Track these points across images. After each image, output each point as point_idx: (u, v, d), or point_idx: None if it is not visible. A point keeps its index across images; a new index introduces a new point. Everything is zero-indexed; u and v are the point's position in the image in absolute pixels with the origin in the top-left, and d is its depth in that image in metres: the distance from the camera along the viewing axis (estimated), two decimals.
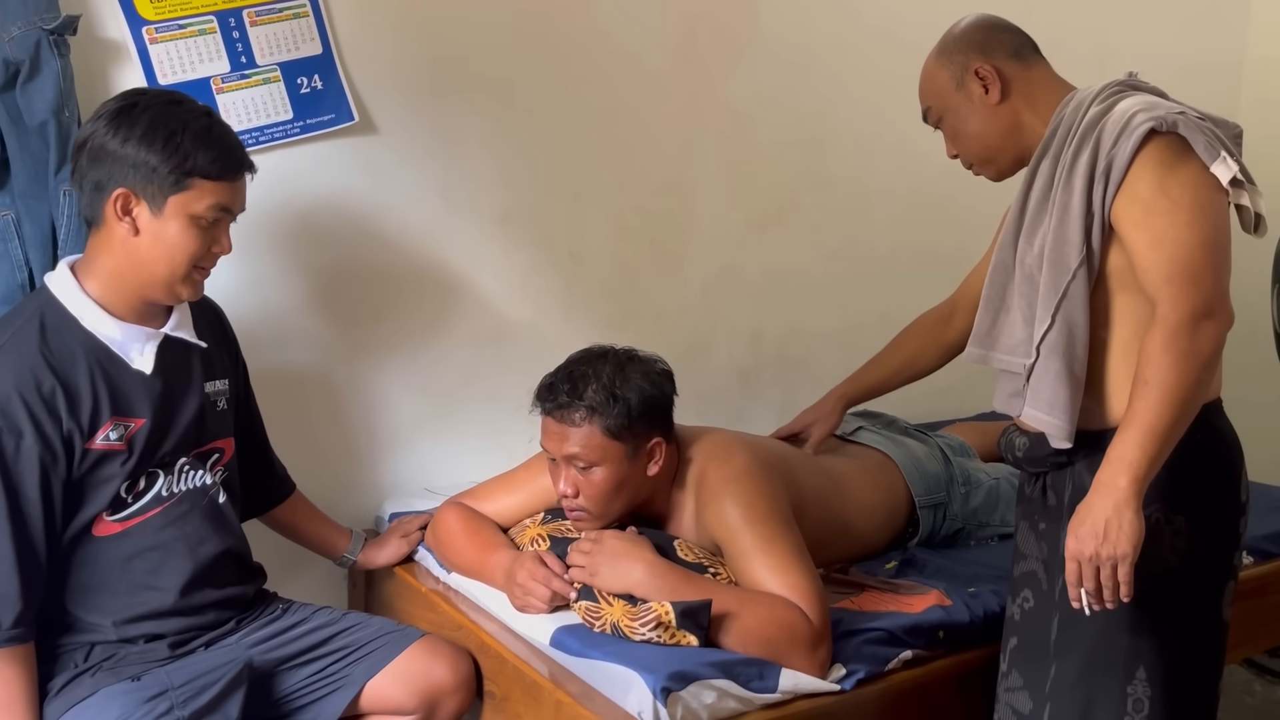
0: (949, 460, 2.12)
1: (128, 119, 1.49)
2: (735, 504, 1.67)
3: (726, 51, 2.47)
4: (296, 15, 1.98)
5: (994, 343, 1.57)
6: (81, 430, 1.50)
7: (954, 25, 1.61)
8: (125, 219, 1.50)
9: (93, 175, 1.50)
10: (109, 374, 1.53)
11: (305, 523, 1.93)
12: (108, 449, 1.52)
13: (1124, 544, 1.33)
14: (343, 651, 1.70)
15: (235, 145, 1.56)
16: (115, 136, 1.48)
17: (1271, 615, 2.13)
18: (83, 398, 1.50)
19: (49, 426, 1.47)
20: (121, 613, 1.56)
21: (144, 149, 1.48)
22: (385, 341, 2.16)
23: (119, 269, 1.53)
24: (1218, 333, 1.37)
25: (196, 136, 1.50)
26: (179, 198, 1.49)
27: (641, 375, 1.73)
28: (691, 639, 1.55)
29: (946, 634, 1.70)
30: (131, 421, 1.54)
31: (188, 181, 1.49)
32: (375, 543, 1.99)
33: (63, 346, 1.50)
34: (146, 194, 1.49)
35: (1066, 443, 1.48)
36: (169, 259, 1.52)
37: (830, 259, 2.69)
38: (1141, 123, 1.39)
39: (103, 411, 1.51)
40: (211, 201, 1.51)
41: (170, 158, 1.48)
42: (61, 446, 1.49)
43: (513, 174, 2.25)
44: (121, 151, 1.48)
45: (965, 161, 1.63)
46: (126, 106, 1.51)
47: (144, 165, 1.48)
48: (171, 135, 1.48)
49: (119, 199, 1.49)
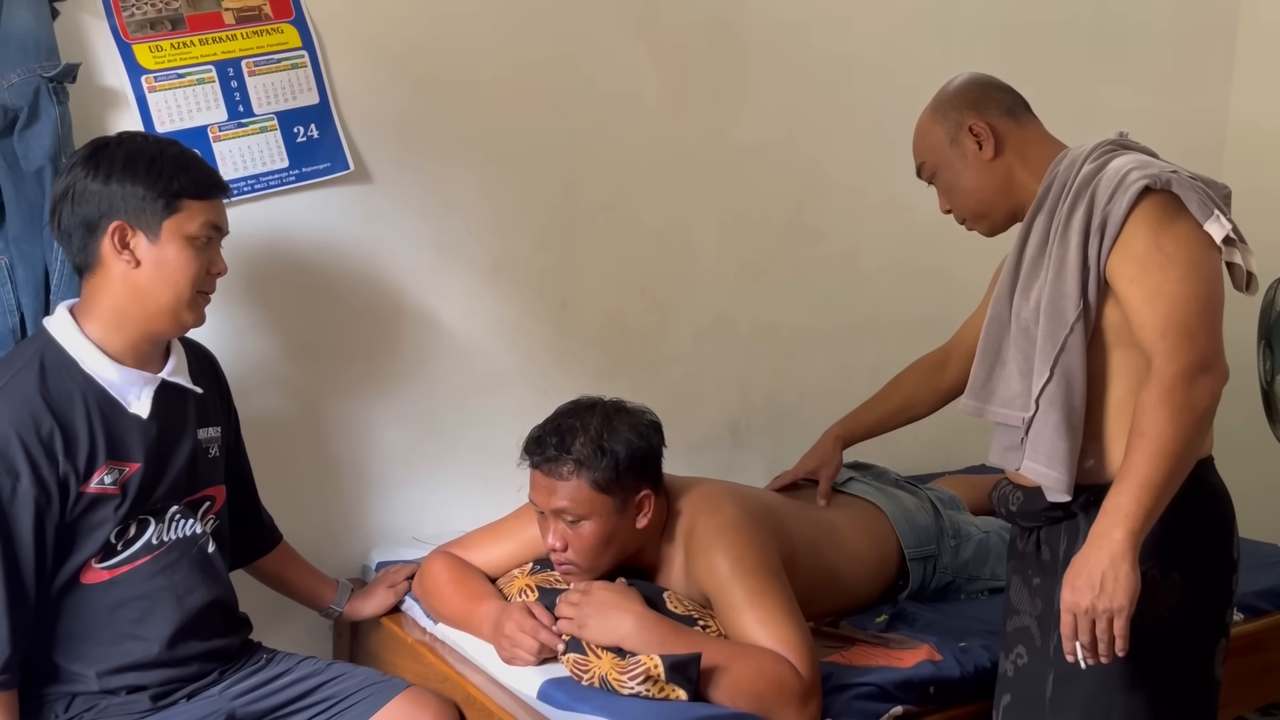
0: (939, 512, 2.12)
1: (104, 158, 1.52)
2: (725, 556, 1.67)
3: (718, 104, 2.50)
4: (295, 66, 2.00)
5: (990, 395, 1.58)
6: (77, 473, 1.49)
7: (948, 83, 1.64)
8: (124, 253, 1.51)
9: (80, 215, 1.51)
10: (106, 417, 1.52)
11: (291, 573, 1.92)
12: (101, 492, 1.51)
13: (1120, 597, 1.33)
14: (328, 702, 1.67)
15: (210, 167, 1.62)
16: (96, 177, 1.50)
17: (1263, 673, 2.12)
18: (80, 440, 1.49)
19: (46, 469, 1.46)
20: (105, 662, 1.54)
21: (129, 181, 1.50)
22: (375, 389, 2.16)
23: (121, 307, 1.53)
24: (1213, 387, 1.38)
25: (174, 161, 1.54)
26: (172, 221, 1.52)
27: (629, 427, 1.72)
28: (680, 693, 1.54)
29: (937, 689, 1.69)
30: (126, 466, 1.53)
31: (177, 204, 1.52)
32: (361, 594, 1.97)
33: (62, 388, 1.50)
34: (141, 223, 1.51)
35: (1065, 496, 1.48)
36: (173, 284, 1.53)
37: (820, 310, 2.71)
38: (1136, 180, 1.41)
39: (99, 455, 1.51)
40: (202, 220, 1.54)
41: (156, 183, 1.50)
42: (57, 489, 1.48)
43: (505, 223, 2.26)
44: (106, 189, 1.50)
45: (959, 216, 1.65)
46: (97, 149, 1.54)
47: (133, 196, 1.50)
48: (152, 163, 1.51)
49: (116, 233, 1.50)
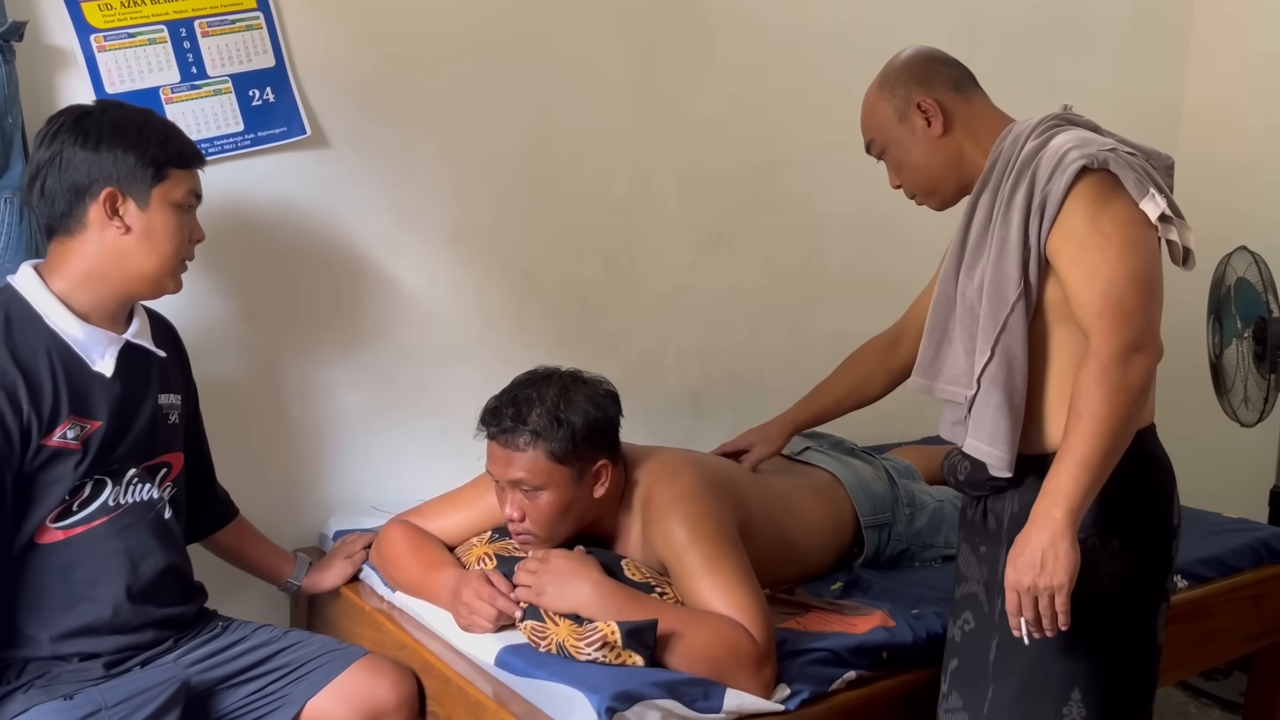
0: (894, 482, 2.14)
1: (91, 125, 1.53)
2: (681, 524, 1.68)
3: (681, 74, 2.49)
4: (250, 27, 1.96)
5: (937, 373, 1.60)
6: (40, 424, 1.48)
7: (894, 58, 1.64)
8: (114, 219, 1.52)
9: (69, 181, 1.52)
10: (70, 372, 1.52)
11: (249, 548, 1.91)
12: (63, 446, 1.50)
13: (1060, 574, 1.36)
14: (283, 670, 1.67)
15: (188, 138, 1.65)
16: (85, 145, 1.52)
17: (1206, 638, 2.18)
18: (44, 392, 1.49)
19: (10, 419, 1.46)
20: (57, 626, 1.53)
21: (119, 148, 1.53)
22: (333, 358, 2.14)
23: (100, 270, 1.54)
24: (1148, 366, 1.40)
25: (159, 130, 1.57)
26: (160, 189, 1.55)
27: (586, 398, 1.72)
28: (637, 659, 1.55)
29: (890, 655, 1.72)
30: (89, 423, 1.53)
31: (165, 172, 1.55)
32: (319, 566, 1.97)
33: (26, 341, 1.50)
34: (132, 190, 1.53)
35: (1007, 472, 1.50)
36: (160, 251, 1.56)
37: (781, 280, 2.72)
38: (1074, 160, 1.42)
39: (62, 408, 1.50)
40: (187, 187, 1.58)
41: (146, 152, 1.53)
42: (19, 439, 1.47)
43: (465, 191, 2.24)
44: (97, 156, 1.52)
45: (909, 192, 1.66)
46: (82, 115, 1.55)
47: (124, 163, 1.53)
48: (139, 132, 1.55)
49: (107, 199, 1.52)
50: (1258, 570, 2.25)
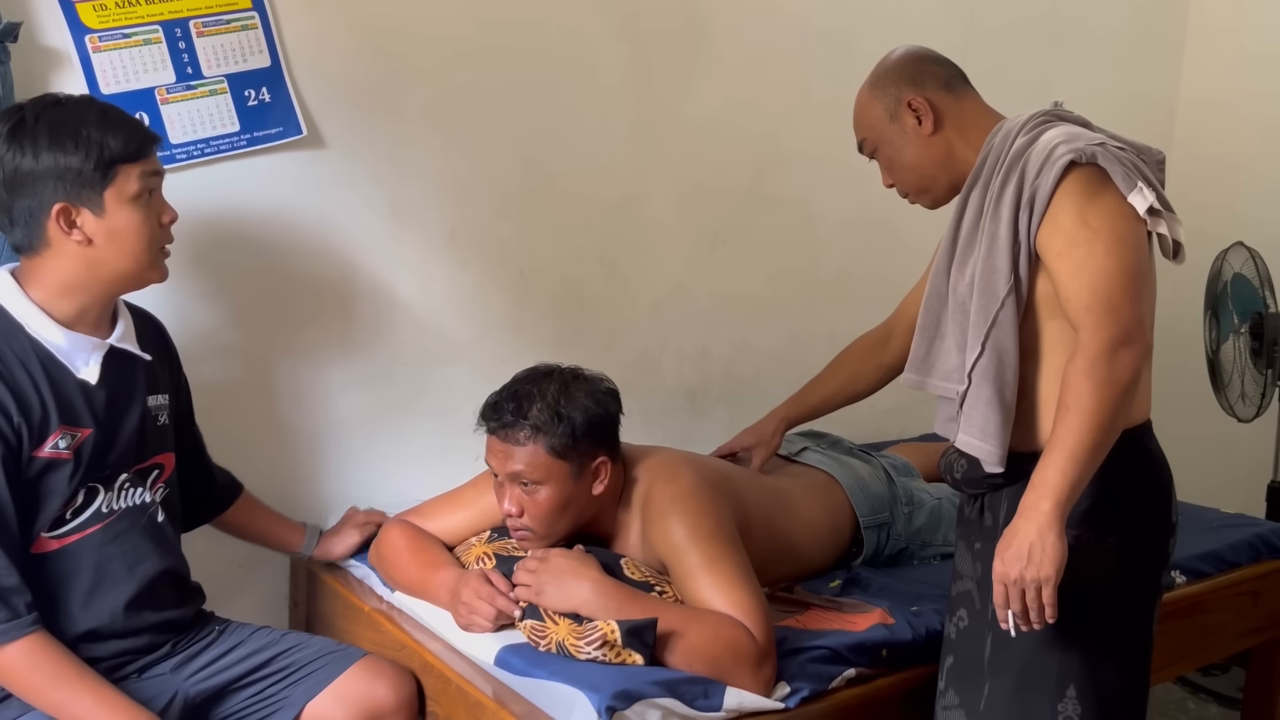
0: (893, 480, 2.14)
1: (26, 134, 1.45)
2: (680, 523, 1.68)
3: (677, 74, 2.49)
4: (245, 27, 1.96)
5: (930, 369, 1.60)
6: (31, 436, 1.46)
7: (885, 57, 1.65)
8: (73, 233, 1.47)
9: (21, 204, 1.46)
10: (55, 382, 1.49)
11: (257, 523, 1.93)
12: (55, 457, 1.49)
13: (1047, 567, 1.36)
14: (283, 672, 1.67)
15: (135, 120, 1.54)
16: (24, 155, 1.45)
17: (1204, 633, 2.18)
18: (32, 404, 1.47)
19: (6, 428, 1.44)
20: (57, 634, 1.51)
21: (59, 155, 1.44)
22: (330, 358, 2.14)
23: (76, 281, 1.50)
24: (1135, 359, 1.40)
25: (99, 125, 1.47)
26: (112, 189, 1.47)
27: (587, 394, 1.73)
28: (637, 658, 1.55)
29: (889, 652, 1.72)
30: (79, 431, 1.51)
31: (113, 171, 1.47)
32: (329, 535, 1.99)
33: (9, 353, 1.47)
34: (83, 199, 1.46)
35: (999, 467, 1.50)
36: (131, 250, 1.50)
37: (777, 279, 2.72)
38: (1062, 155, 1.43)
39: (51, 419, 1.48)
40: (140, 177, 1.49)
41: (89, 155, 1.45)
42: (15, 452, 1.45)
43: (462, 191, 2.24)
44: (38, 168, 1.45)
45: (901, 191, 1.67)
46: (15, 125, 1.46)
47: (67, 171, 1.45)
48: (76, 132, 1.45)
49: (60, 215, 1.46)
50: (1256, 565, 2.25)
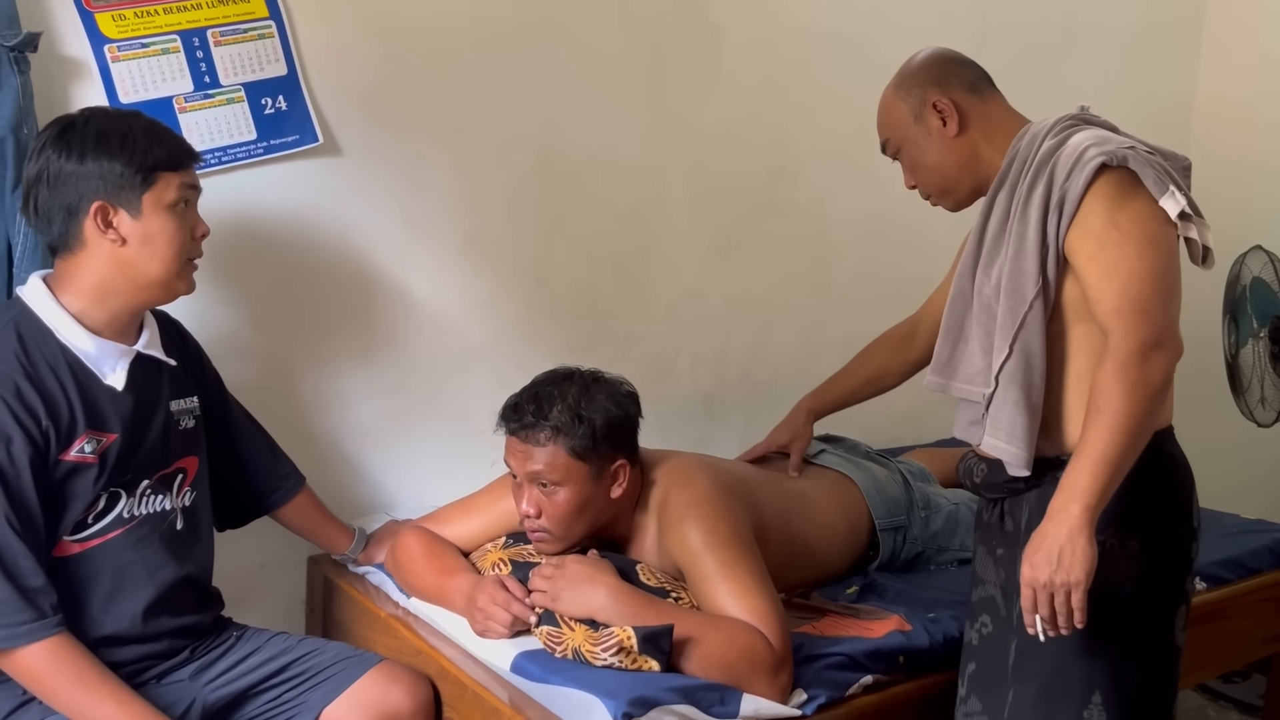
0: (909, 484, 2.14)
1: (75, 137, 1.51)
2: (697, 528, 1.68)
3: (691, 79, 2.49)
4: (262, 36, 1.97)
5: (954, 372, 1.60)
6: (59, 439, 1.49)
7: (911, 58, 1.64)
8: (109, 232, 1.51)
9: (60, 200, 1.50)
10: (83, 387, 1.52)
11: (308, 522, 1.94)
12: (80, 461, 1.51)
13: (1077, 571, 1.35)
14: (300, 678, 1.67)
15: (179, 136, 1.62)
16: (70, 158, 1.50)
17: (1225, 640, 2.17)
18: (60, 408, 1.49)
19: (35, 431, 1.46)
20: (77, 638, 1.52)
21: (104, 159, 1.50)
22: (345, 367, 2.15)
23: (107, 283, 1.53)
24: (1167, 363, 1.40)
25: (145, 133, 1.54)
26: (151, 194, 1.52)
27: (607, 397, 1.73)
28: (653, 664, 1.55)
29: (906, 659, 1.71)
30: (105, 436, 1.53)
31: (154, 176, 1.52)
32: (371, 543, 2.00)
33: (39, 357, 1.50)
34: (121, 200, 1.51)
35: (1025, 471, 1.50)
36: (162, 256, 1.54)
37: (792, 284, 2.71)
38: (1093, 157, 1.42)
39: (79, 423, 1.50)
40: (179, 187, 1.54)
41: (132, 159, 1.50)
42: (42, 455, 1.47)
43: (476, 198, 2.25)
44: (82, 169, 1.49)
45: (923, 192, 1.66)
46: (66, 128, 1.52)
47: (110, 174, 1.50)
48: (124, 138, 1.51)
49: (98, 213, 1.50)
50: (1277, 571, 2.23)
